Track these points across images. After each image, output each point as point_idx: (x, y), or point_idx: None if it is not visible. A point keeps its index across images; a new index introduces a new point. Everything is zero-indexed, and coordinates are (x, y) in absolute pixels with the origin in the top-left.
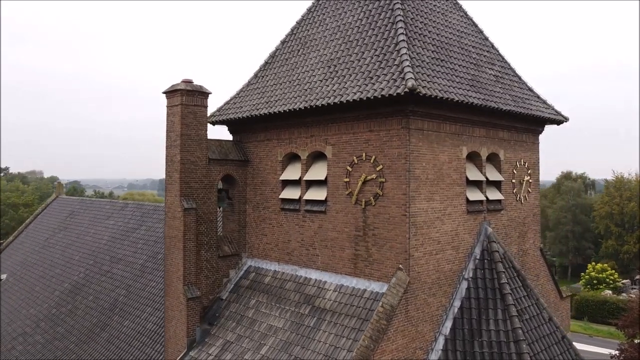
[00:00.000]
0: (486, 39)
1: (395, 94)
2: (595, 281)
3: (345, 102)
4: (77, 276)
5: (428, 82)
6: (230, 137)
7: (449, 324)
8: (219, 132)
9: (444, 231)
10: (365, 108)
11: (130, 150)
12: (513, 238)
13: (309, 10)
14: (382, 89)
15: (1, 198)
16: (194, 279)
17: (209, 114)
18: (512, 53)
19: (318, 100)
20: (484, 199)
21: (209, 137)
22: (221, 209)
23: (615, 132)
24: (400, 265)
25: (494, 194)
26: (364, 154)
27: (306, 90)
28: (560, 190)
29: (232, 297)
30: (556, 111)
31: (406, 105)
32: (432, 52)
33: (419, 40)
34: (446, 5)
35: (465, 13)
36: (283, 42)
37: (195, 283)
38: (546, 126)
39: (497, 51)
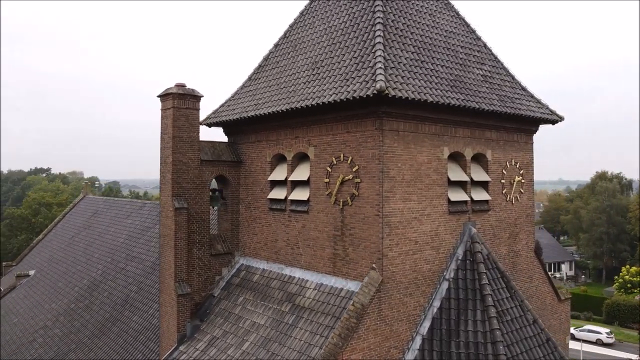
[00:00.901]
0: (478, 38)
1: (365, 96)
2: (629, 285)
3: (320, 104)
4: (96, 273)
5: (401, 83)
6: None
7: (427, 324)
8: (218, 134)
9: (422, 231)
10: (343, 110)
11: None
12: (502, 239)
13: (302, 13)
14: (354, 91)
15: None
16: (185, 276)
17: (208, 116)
18: (516, 53)
19: (299, 102)
20: (468, 199)
21: (209, 139)
22: (214, 208)
23: None
24: (374, 265)
25: (480, 195)
26: (342, 155)
27: (290, 92)
28: (594, 190)
29: (223, 295)
30: (550, 110)
31: (379, 107)
32: (413, 53)
33: (398, 42)
34: (436, 6)
35: (457, 13)
36: (276, 45)
37: (187, 280)
38: (572, 126)
39: (489, 51)
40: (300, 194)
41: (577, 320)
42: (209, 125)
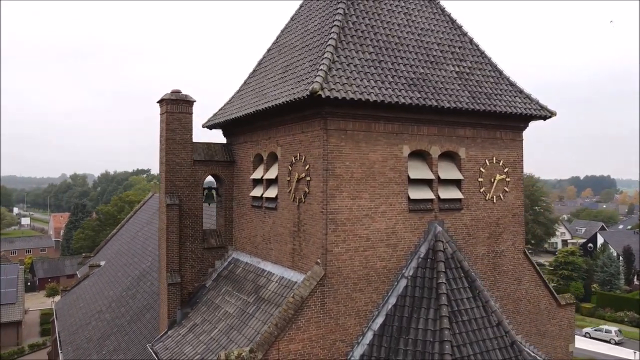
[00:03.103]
0: (463, 34)
1: (300, 98)
2: None
3: (269, 107)
4: (145, 264)
5: (343, 84)
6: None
7: (380, 320)
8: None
9: (375, 228)
10: (297, 111)
11: None
12: (480, 239)
13: (291, 18)
14: (297, 93)
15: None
16: (177, 267)
17: (208, 119)
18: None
19: (261, 105)
20: (434, 197)
21: (216, 141)
22: (210, 205)
23: None
24: (318, 260)
25: (450, 193)
26: (298, 154)
27: (263, 95)
28: None
29: (212, 285)
30: (540, 106)
31: (322, 108)
32: (371, 53)
33: (355, 44)
34: (415, 5)
35: (442, 10)
36: (268, 49)
37: (179, 271)
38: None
39: (475, 47)
40: (272, 192)
41: None
42: (209, 127)
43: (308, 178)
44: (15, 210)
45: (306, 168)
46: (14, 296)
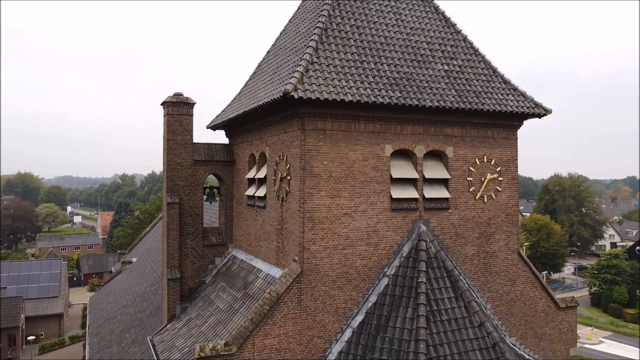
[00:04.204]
0: (457, 32)
1: (276, 99)
2: None
3: (251, 109)
4: None
5: (319, 85)
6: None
7: (359, 318)
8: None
9: (355, 227)
10: (280, 112)
11: None
12: (469, 239)
13: (289, 20)
14: (274, 95)
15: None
16: (177, 263)
17: (211, 121)
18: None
19: (249, 106)
20: (418, 196)
21: (221, 142)
22: (211, 203)
23: None
24: (295, 257)
25: (437, 192)
26: (282, 154)
27: (254, 97)
28: None
29: (211, 281)
30: (535, 103)
31: (299, 108)
32: (353, 54)
33: (337, 45)
34: (406, 4)
35: (435, 9)
36: (267, 52)
37: (179, 267)
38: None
39: (469, 45)
40: (262, 191)
41: None
42: (212, 128)
43: (289, 177)
44: (69, 209)
45: (287, 167)
46: (56, 290)
